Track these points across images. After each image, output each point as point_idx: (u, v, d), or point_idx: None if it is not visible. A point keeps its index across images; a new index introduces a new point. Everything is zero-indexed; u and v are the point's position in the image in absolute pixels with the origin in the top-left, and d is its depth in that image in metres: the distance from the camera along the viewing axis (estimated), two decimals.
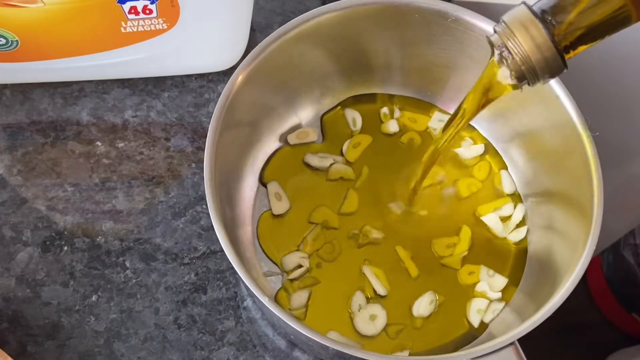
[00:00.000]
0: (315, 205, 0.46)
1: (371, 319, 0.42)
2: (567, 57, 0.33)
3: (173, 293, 0.44)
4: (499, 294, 0.44)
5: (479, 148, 0.48)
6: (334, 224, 0.45)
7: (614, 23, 0.32)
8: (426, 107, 0.49)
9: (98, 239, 0.46)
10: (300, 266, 0.43)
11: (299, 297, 0.43)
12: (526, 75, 0.34)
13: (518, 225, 0.46)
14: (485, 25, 0.43)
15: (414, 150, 0.48)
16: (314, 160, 0.47)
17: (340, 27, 0.44)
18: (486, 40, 0.35)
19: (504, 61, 0.34)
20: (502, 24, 0.34)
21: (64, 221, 0.46)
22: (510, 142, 0.48)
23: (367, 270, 0.43)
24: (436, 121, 0.49)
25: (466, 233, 0.45)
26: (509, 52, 0.33)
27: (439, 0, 0.44)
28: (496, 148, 0.49)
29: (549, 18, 0.32)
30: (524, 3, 0.33)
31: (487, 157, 0.48)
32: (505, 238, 0.46)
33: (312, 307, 0.43)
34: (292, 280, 0.43)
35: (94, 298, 0.44)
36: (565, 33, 0.32)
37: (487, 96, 0.37)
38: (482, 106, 0.38)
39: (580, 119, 0.41)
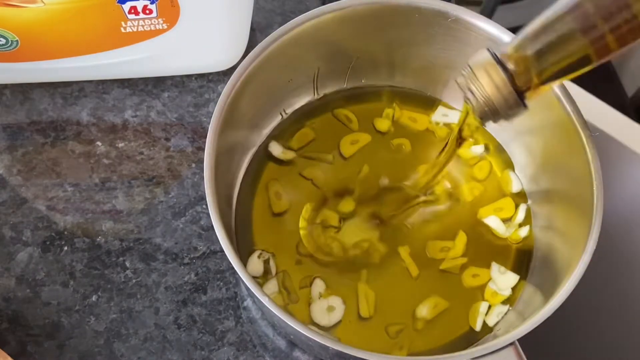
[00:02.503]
0: (314, 204, 0.45)
1: (328, 310, 0.42)
2: (528, 96, 0.35)
3: (173, 293, 0.44)
4: (510, 291, 0.44)
5: (480, 148, 0.48)
6: (333, 223, 0.45)
7: (573, 67, 0.34)
8: (427, 106, 0.49)
9: (98, 239, 0.46)
10: (266, 273, 0.43)
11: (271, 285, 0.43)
12: (489, 114, 0.36)
13: (520, 225, 0.46)
14: (486, 25, 0.43)
15: (403, 156, 0.48)
16: (276, 150, 0.47)
17: (340, 27, 0.44)
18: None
19: (469, 102, 0.36)
20: (468, 67, 0.36)
21: (64, 221, 0.46)
22: (511, 142, 0.48)
23: (360, 289, 0.43)
24: (440, 115, 0.49)
25: (461, 238, 0.45)
26: (473, 94, 0.36)
27: (439, 0, 0.44)
28: (498, 148, 0.49)
29: (510, 63, 0.34)
30: (488, 49, 0.36)
31: (487, 156, 0.48)
32: (507, 238, 0.46)
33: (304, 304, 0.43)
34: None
35: (94, 298, 0.44)
36: (524, 77, 0.35)
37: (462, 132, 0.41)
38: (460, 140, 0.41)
39: (580, 119, 0.41)
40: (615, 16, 0.31)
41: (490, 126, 0.48)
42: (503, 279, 0.44)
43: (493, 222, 0.46)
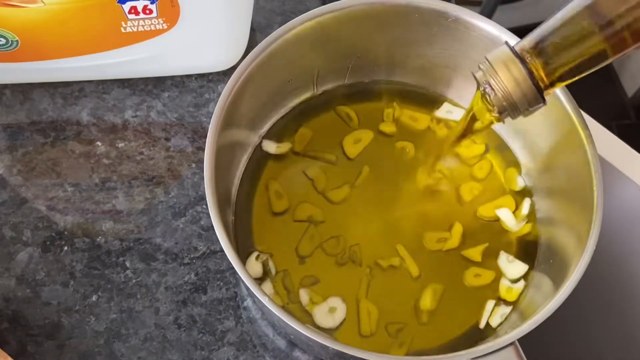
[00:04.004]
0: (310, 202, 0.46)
1: (330, 311, 0.42)
2: (546, 93, 0.35)
3: (173, 293, 0.44)
4: (522, 283, 0.44)
5: (480, 147, 0.48)
6: (318, 218, 0.45)
7: (591, 63, 0.34)
8: (427, 105, 0.49)
9: (98, 239, 0.46)
10: (266, 274, 0.43)
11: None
12: (507, 109, 0.36)
13: (525, 221, 0.46)
14: (486, 25, 0.43)
15: (406, 160, 0.48)
16: (271, 147, 0.47)
17: (341, 27, 0.44)
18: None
19: (488, 96, 0.36)
20: (486, 62, 0.36)
21: (64, 221, 0.46)
22: (511, 141, 0.48)
23: (361, 306, 0.43)
24: (444, 112, 0.49)
25: (458, 229, 0.45)
26: (492, 88, 0.36)
27: (439, 0, 0.44)
28: (499, 147, 0.49)
29: (529, 58, 0.35)
30: (506, 43, 0.36)
31: (487, 156, 0.48)
32: (510, 234, 0.46)
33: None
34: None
35: (94, 298, 0.44)
36: (543, 72, 0.35)
37: (472, 124, 0.40)
38: (467, 131, 0.41)
39: (579, 119, 0.41)
40: (631, 12, 0.32)
41: (493, 126, 0.49)
42: (512, 268, 0.44)
43: (504, 214, 0.46)
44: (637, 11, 0.32)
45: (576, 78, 0.35)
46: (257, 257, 0.43)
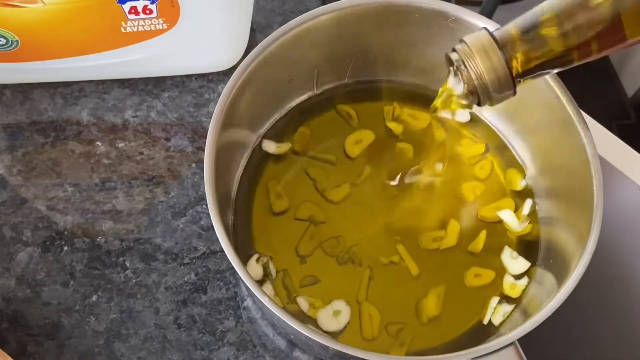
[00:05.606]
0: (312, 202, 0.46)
1: (334, 314, 0.42)
2: (520, 82, 0.36)
3: (173, 293, 0.44)
4: (526, 280, 0.44)
5: (480, 147, 0.48)
6: (319, 218, 0.45)
7: (560, 62, 0.35)
8: (427, 104, 0.49)
9: (98, 239, 0.46)
10: (266, 275, 0.43)
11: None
12: (478, 91, 0.36)
13: (527, 221, 0.46)
14: (485, 26, 0.43)
15: (404, 160, 0.48)
16: (270, 147, 0.47)
17: (340, 27, 0.44)
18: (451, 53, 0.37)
19: (459, 74, 0.36)
20: (463, 43, 0.36)
21: (64, 221, 0.46)
22: (512, 141, 0.48)
23: (363, 309, 0.43)
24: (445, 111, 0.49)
25: (453, 227, 0.45)
26: (466, 67, 0.36)
27: (439, 0, 0.44)
28: (499, 147, 0.49)
29: (506, 46, 0.35)
30: (485, 28, 0.36)
31: (488, 155, 0.48)
32: (510, 235, 0.46)
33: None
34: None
35: (94, 298, 0.44)
36: (518, 63, 0.35)
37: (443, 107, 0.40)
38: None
39: (580, 119, 0.41)
40: (596, 23, 0.33)
41: (493, 126, 0.49)
42: (515, 264, 0.44)
43: (506, 216, 0.46)
44: (599, 24, 0.33)
45: (545, 74, 0.36)
46: (257, 260, 0.43)
